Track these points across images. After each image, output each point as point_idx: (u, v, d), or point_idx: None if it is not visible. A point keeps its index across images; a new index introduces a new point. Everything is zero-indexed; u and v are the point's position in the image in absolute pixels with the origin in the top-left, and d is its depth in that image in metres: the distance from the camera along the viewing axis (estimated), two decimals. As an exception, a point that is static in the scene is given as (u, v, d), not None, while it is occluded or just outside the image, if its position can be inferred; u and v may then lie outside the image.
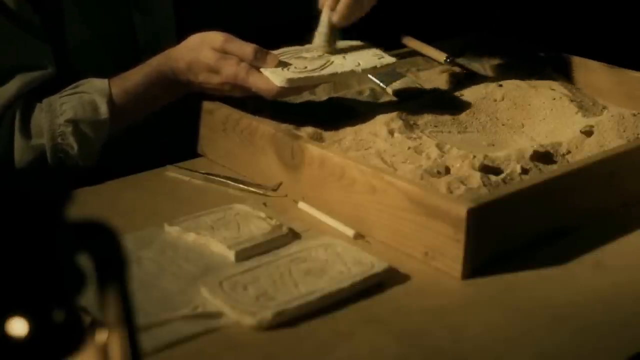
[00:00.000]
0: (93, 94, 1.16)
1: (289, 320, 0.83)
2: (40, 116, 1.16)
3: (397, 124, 1.15)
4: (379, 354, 0.81)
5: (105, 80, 1.18)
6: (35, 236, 0.45)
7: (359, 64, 1.19)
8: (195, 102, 1.23)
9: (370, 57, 1.22)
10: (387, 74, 1.30)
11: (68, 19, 1.21)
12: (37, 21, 1.18)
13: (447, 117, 1.22)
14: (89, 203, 1.01)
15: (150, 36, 1.29)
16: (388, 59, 1.22)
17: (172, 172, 1.18)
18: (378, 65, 1.20)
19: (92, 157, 1.18)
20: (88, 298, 0.48)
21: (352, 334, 0.83)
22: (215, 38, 1.16)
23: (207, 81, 1.17)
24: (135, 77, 1.19)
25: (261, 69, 1.15)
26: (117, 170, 1.16)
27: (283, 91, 1.14)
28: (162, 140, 1.30)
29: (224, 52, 1.15)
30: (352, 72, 1.19)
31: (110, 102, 1.16)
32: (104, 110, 1.16)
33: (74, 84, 1.18)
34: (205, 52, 1.15)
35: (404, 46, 1.50)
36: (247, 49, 1.14)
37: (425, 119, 1.20)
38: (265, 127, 1.13)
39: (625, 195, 1.09)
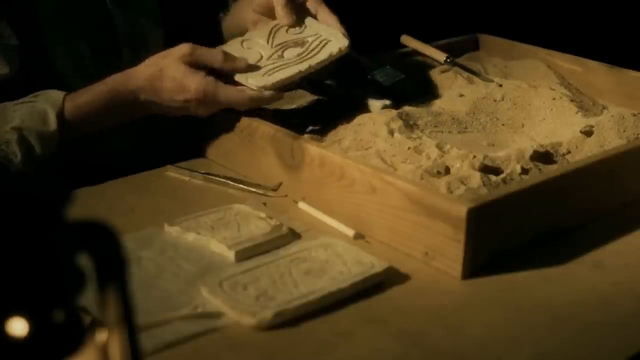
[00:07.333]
0: (45, 105, 1.12)
1: (289, 320, 0.83)
2: None
3: (397, 124, 1.14)
4: (379, 354, 0.81)
5: (62, 93, 1.13)
6: (35, 236, 0.45)
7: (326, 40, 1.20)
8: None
9: (325, 28, 1.22)
10: (387, 74, 1.30)
11: (42, 14, 1.18)
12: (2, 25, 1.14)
13: (447, 117, 1.22)
14: (89, 203, 1.01)
15: (130, 28, 1.28)
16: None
17: (172, 172, 1.18)
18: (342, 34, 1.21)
19: (36, 168, 1.12)
20: (88, 298, 0.48)
21: (352, 334, 0.83)
22: (180, 48, 1.12)
23: (173, 98, 1.12)
24: (89, 94, 1.14)
25: (237, 77, 1.13)
26: (117, 171, 1.16)
27: (258, 99, 1.12)
28: (162, 140, 1.30)
29: (191, 62, 1.12)
30: (330, 56, 1.18)
31: (61, 115, 1.12)
32: (52, 122, 1.11)
33: (34, 93, 1.14)
34: (172, 65, 1.12)
35: (404, 46, 1.50)
36: (216, 52, 1.13)
37: (425, 119, 1.20)
38: (265, 127, 1.13)
39: (625, 195, 1.09)
